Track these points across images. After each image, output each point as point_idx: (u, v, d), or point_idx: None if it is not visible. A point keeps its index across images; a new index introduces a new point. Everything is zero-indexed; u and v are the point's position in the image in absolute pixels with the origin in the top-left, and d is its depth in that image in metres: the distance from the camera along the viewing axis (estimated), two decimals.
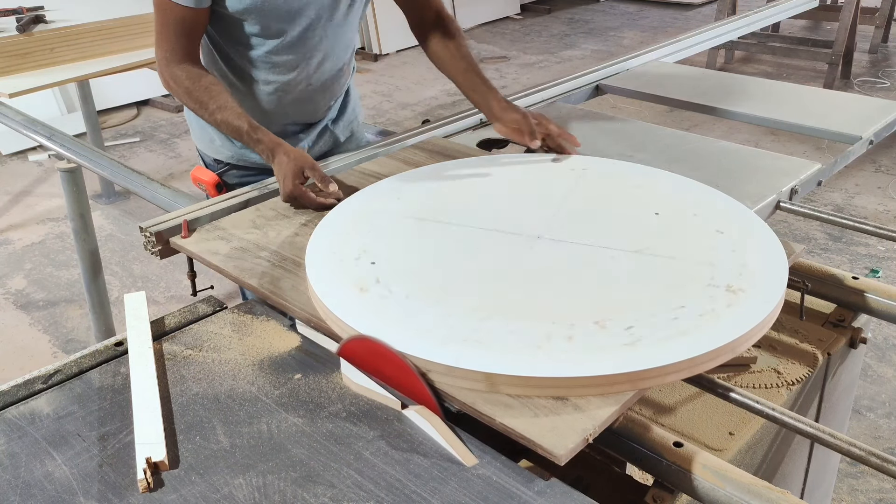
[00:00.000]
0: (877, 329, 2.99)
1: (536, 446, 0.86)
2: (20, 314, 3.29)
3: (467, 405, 0.93)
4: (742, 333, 1.00)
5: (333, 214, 1.36)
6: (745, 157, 1.70)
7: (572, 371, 0.94)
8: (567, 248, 1.23)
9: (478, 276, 1.16)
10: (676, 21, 7.95)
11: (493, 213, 1.34)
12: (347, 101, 1.86)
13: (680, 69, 2.49)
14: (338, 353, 1.07)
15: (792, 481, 1.38)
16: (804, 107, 2.07)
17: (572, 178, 1.48)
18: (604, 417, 0.90)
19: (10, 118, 2.36)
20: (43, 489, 0.88)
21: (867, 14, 6.26)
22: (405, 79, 6.27)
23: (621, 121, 1.93)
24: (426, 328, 1.03)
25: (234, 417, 0.99)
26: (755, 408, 1.03)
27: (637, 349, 0.97)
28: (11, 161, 4.84)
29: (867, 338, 1.37)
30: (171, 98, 5.76)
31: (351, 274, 1.16)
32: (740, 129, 4.66)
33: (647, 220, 1.30)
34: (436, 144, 1.75)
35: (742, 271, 1.13)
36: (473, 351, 0.97)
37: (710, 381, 1.05)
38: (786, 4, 3.50)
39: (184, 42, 1.51)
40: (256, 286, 1.20)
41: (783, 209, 1.53)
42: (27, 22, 2.82)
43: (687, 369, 0.97)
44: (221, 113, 1.50)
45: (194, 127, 1.78)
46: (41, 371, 1.08)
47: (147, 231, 1.38)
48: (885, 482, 2.31)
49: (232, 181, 1.76)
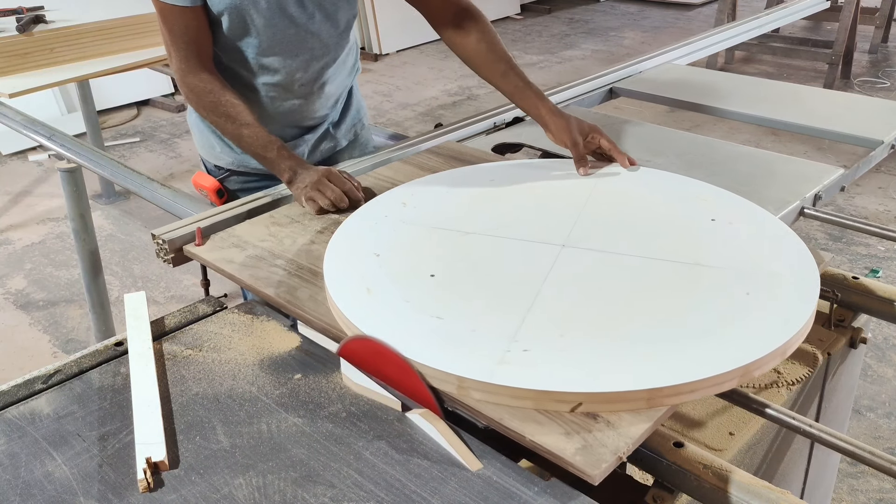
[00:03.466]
0: (877, 329, 2.99)
1: (569, 465, 0.85)
2: (20, 314, 3.29)
3: (494, 420, 0.91)
4: (778, 346, 0.99)
5: (351, 221, 1.35)
6: (766, 161, 1.67)
7: (603, 386, 0.91)
8: (592, 256, 1.21)
9: (503, 285, 1.14)
10: (677, 21, 7.94)
11: (520, 222, 1.32)
12: (350, 103, 1.83)
13: (693, 72, 2.48)
14: (338, 353, 1.07)
15: (792, 481, 1.38)
16: (824, 111, 2.05)
17: (592, 185, 1.46)
18: (637, 435, 0.88)
19: (10, 118, 2.37)
20: (43, 489, 0.88)
21: (867, 14, 6.26)
22: (405, 79, 6.27)
23: (637, 124, 1.92)
24: (461, 343, 1.01)
25: (234, 417, 0.99)
26: (755, 408, 1.03)
27: (670, 363, 0.95)
28: (11, 161, 4.84)
29: (867, 338, 1.37)
30: (171, 98, 5.76)
31: (367, 281, 1.15)
32: (741, 128, 4.66)
33: (677, 228, 1.28)
34: (450, 149, 1.73)
35: (774, 283, 1.11)
36: (509, 367, 0.95)
37: (743, 395, 1.04)
38: (799, 5, 3.47)
39: (194, 49, 1.51)
40: (273, 296, 1.18)
41: (807, 216, 1.51)
42: (27, 22, 2.82)
43: (721, 383, 0.95)
44: (248, 129, 1.50)
45: (195, 132, 1.77)
46: (41, 371, 1.08)
47: (160, 238, 1.35)
48: (885, 482, 2.31)
49: (233, 187, 1.75)
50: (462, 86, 5.93)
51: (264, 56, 1.58)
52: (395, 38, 6.85)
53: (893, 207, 3.97)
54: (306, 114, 1.73)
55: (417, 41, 7.01)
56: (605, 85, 2.29)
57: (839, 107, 2.09)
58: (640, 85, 2.31)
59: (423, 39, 6.99)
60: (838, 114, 2.01)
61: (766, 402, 1.03)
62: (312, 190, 1.43)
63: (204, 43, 1.52)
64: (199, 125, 1.74)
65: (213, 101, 1.52)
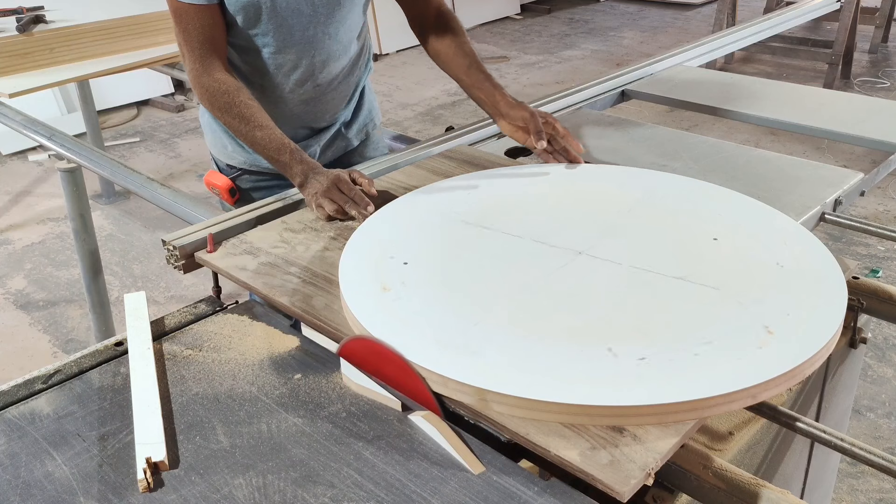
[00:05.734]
0: (877, 329, 2.99)
1: (597, 481, 0.83)
2: (20, 314, 3.29)
3: (520, 435, 0.90)
4: (807, 358, 0.98)
5: (368, 225, 1.33)
6: (783, 166, 1.66)
7: (631, 399, 0.90)
8: (608, 266, 1.19)
9: (513, 292, 1.13)
10: (676, 21, 7.94)
11: (536, 226, 1.31)
12: (362, 103, 1.82)
13: (705, 73, 2.48)
14: (338, 353, 1.07)
15: (792, 481, 1.38)
16: (841, 114, 2.03)
17: (626, 194, 1.44)
18: (665, 450, 0.86)
19: (10, 118, 2.36)
20: (43, 489, 0.88)
21: (867, 14, 6.26)
22: (405, 78, 6.27)
23: (651, 127, 1.90)
24: (483, 354, 0.99)
25: (234, 417, 0.99)
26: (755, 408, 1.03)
27: (699, 376, 0.94)
28: (11, 161, 4.84)
29: (867, 338, 1.37)
30: (171, 98, 5.76)
31: (382, 288, 1.14)
32: (740, 128, 4.66)
33: (704, 241, 1.26)
34: (463, 153, 1.71)
35: (802, 296, 1.10)
36: (525, 377, 0.94)
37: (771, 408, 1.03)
38: (810, 5, 3.46)
39: (209, 49, 1.50)
40: (288, 304, 1.17)
41: (828, 221, 1.50)
42: (27, 22, 2.82)
43: (752, 395, 0.94)
44: (262, 131, 1.49)
45: (207, 131, 1.77)
46: (41, 371, 1.08)
47: (170, 245, 1.33)
48: (885, 482, 2.31)
49: (245, 186, 1.75)
50: None
51: (278, 56, 1.58)
52: (395, 38, 6.85)
53: (893, 207, 3.97)
54: (318, 114, 1.72)
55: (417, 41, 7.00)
56: (617, 87, 2.28)
57: (861, 111, 2.07)
58: (653, 87, 2.30)
59: None
60: (858, 118, 1.99)
61: (772, 406, 1.03)
62: (322, 196, 1.41)
63: (219, 43, 1.52)
64: (211, 124, 1.74)
65: (228, 102, 1.50)
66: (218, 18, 1.50)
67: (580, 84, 2.26)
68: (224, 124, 1.56)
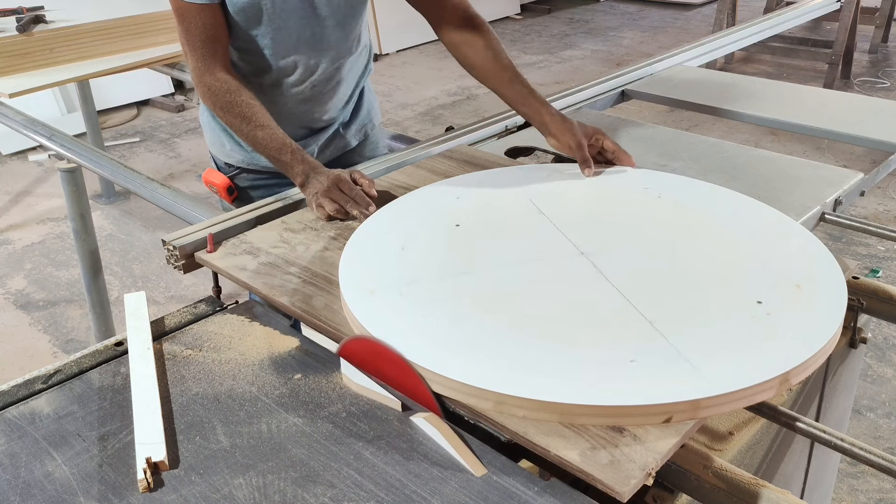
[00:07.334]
0: (877, 329, 2.99)
1: (597, 481, 0.83)
2: (20, 314, 3.29)
3: (519, 435, 0.90)
4: (807, 358, 0.97)
5: (369, 225, 1.34)
6: (784, 166, 1.66)
7: (632, 399, 0.90)
8: (609, 267, 1.19)
9: (514, 292, 1.13)
10: (676, 21, 7.94)
11: (537, 227, 1.31)
12: (361, 104, 1.82)
13: (705, 73, 2.47)
14: (338, 353, 1.07)
15: (792, 481, 1.38)
16: (841, 114, 2.03)
17: (628, 194, 1.44)
18: (665, 450, 0.87)
19: (10, 118, 2.37)
20: (43, 489, 0.88)
21: (867, 14, 6.26)
22: (405, 78, 6.27)
23: (651, 127, 1.90)
24: (490, 355, 0.99)
25: (234, 417, 0.99)
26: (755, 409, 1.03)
27: (699, 376, 0.94)
28: (11, 161, 4.84)
29: (867, 338, 1.37)
30: (171, 98, 5.76)
31: (389, 287, 1.14)
32: (740, 128, 4.66)
33: (703, 240, 1.27)
34: (463, 153, 1.71)
35: (800, 295, 1.10)
36: (525, 377, 0.94)
37: (771, 408, 1.03)
38: (810, 5, 3.45)
39: (211, 48, 1.50)
40: (288, 304, 1.17)
41: (828, 221, 1.50)
42: (27, 22, 2.82)
43: (752, 395, 0.94)
44: (263, 130, 1.49)
45: (206, 130, 1.77)
46: (41, 371, 1.08)
47: (170, 245, 1.33)
48: (885, 482, 2.31)
49: (243, 184, 1.75)
50: (461, 86, 5.93)
51: (279, 56, 1.58)
52: (395, 38, 6.85)
53: (893, 207, 3.97)
54: (318, 114, 1.72)
55: (417, 41, 7.00)
56: (617, 87, 2.28)
57: (860, 110, 2.06)
58: (653, 87, 2.30)
59: (423, 39, 6.99)
60: (859, 119, 1.99)
61: (772, 406, 1.03)
62: (322, 196, 1.42)
63: (221, 42, 1.52)
64: (210, 123, 1.74)
65: (230, 102, 1.51)
66: (220, 18, 1.50)
67: (580, 84, 2.26)
68: (226, 123, 1.56)
